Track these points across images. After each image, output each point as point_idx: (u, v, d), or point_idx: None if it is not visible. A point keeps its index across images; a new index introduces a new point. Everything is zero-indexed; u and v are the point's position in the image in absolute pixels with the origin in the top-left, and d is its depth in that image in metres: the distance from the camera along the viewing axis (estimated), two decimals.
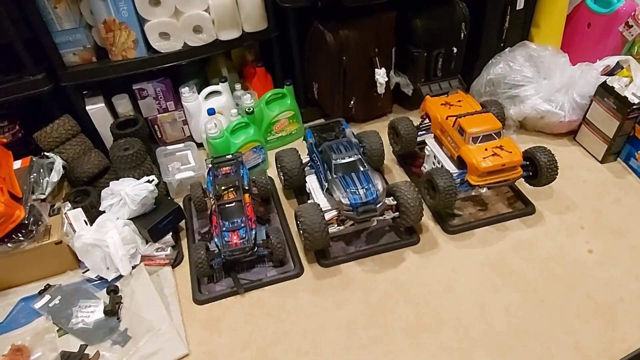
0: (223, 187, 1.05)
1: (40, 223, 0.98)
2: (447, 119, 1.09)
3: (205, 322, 0.93)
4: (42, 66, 1.10)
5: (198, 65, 1.38)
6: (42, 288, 0.99)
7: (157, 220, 1.03)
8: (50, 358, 0.85)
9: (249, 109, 1.25)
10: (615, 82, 1.15)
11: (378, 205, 0.95)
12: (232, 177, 1.07)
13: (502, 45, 1.38)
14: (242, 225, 0.97)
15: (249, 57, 1.45)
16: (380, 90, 1.32)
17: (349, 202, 0.94)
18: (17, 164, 1.05)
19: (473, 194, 1.08)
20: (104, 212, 1.03)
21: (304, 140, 1.18)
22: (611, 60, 1.26)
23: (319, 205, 0.97)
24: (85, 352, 0.87)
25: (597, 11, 1.34)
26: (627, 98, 1.11)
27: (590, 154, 1.25)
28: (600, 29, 1.35)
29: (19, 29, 1.03)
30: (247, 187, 1.06)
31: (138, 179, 1.04)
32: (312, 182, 1.10)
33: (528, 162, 1.06)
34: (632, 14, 1.28)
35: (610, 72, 1.24)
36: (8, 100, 1.10)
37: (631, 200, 1.12)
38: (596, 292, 0.92)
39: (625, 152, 1.19)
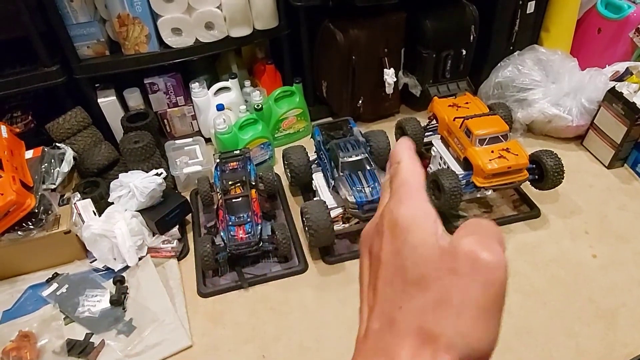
0: (230, 182, 1.06)
1: (50, 212, 0.99)
2: (454, 120, 1.09)
3: (209, 315, 0.94)
4: (56, 58, 1.12)
5: (208, 61, 1.40)
6: (50, 276, 1.00)
7: (164, 213, 1.04)
8: (57, 345, 0.87)
9: (257, 106, 1.26)
10: (624, 88, 1.15)
11: None
12: (239, 172, 1.08)
13: (511, 48, 1.38)
14: (248, 220, 0.98)
15: (259, 54, 1.46)
16: (389, 90, 1.33)
17: (354, 200, 0.95)
18: (29, 154, 1.07)
19: (478, 195, 1.09)
20: (112, 203, 1.05)
21: (311, 137, 1.19)
22: (620, 66, 1.26)
23: (325, 202, 0.98)
24: (91, 340, 0.88)
25: (607, 17, 1.34)
26: (636, 104, 1.11)
27: (597, 159, 1.25)
28: (610, 34, 1.34)
29: (35, 21, 1.05)
30: (253, 183, 1.07)
31: (147, 171, 1.05)
32: (318, 180, 1.11)
33: (534, 166, 1.07)
34: None
35: (619, 77, 1.24)
36: (22, 91, 1.12)
37: (637, 206, 1.12)
38: (599, 296, 0.92)
39: (633, 158, 1.19)
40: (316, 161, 1.15)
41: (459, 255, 0.23)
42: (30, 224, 0.96)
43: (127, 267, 1.01)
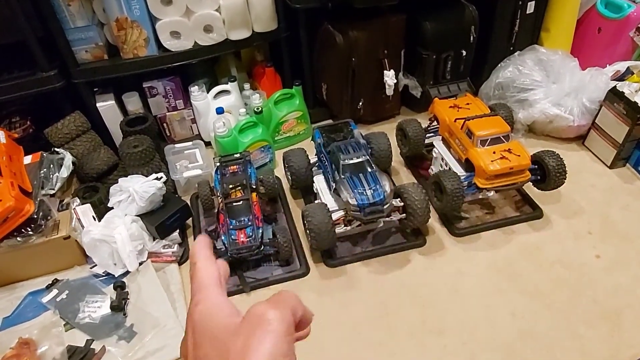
0: (230, 186, 1.05)
1: (49, 218, 0.99)
2: (455, 121, 1.09)
3: None
4: (54, 63, 1.11)
5: (207, 65, 1.39)
6: (50, 282, 1.00)
7: (164, 218, 1.03)
8: (57, 352, 0.86)
9: (257, 109, 1.26)
10: (625, 88, 1.15)
11: (385, 207, 0.95)
12: (240, 175, 1.08)
13: (511, 48, 1.37)
14: (249, 223, 0.98)
15: (258, 57, 1.45)
16: (389, 91, 1.32)
17: (356, 203, 0.94)
18: (27, 159, 1.06)
19: (480, 197, 1.08)
20: (112, 208, 1.04)
21: (312, 140, 1.18)
22: (621, 66, 1.25)
23: (326, 205, 0.97)
24: (91, 346, 0.87)
25: (607, 16, 1.34)
26: (637, 103, 1.10)
27: (599, 159, 1.24)
28: (610, 34, 1.34)
29: (33, 26, 1.04)
30: (254, 186, 1.07)
31: (146, 176, 1.05)
32: (319, 182, 1.10)
33: (536, 166, 1.06)
34: None
35: (620, 77, 1.23)
36: (21, 96, 1.11)
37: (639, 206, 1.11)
38: (603, 297, 0.91)
39: (635, 157, 1.19)
40: (317, 164, 1.14)
41: (249, 317, 0.29)
42: (29, 229, 0.96)
43: (127, 273, 1.00)
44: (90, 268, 1.02)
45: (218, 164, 1.11)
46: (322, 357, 0.86)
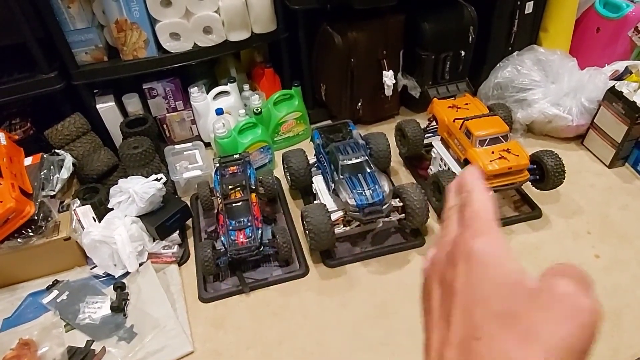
0: (230, 187, 1.05)
1: (49, 219, 0.99)
2: (454, 121, 1.09)
3: (210, 320, 0.93)
4: (54, 65, 1.11)
5: (207, 66, 1.40)
6: (50, 283, 1.00)
7: (164, 218, 1.04)
8: (57, 353, 0.86)
9: (256, 110, 1.26)
10: (624, 87, 1.15)
11: (384, 207, 0.95)
12: (239, 176, 1.08)
13: (510, 49, 1.38)
14: (249, 224, 0.98)
15: (257, 58, 1.46)
16: (388, 92, 1.32)
17: (355, 203, 0.94)
18: (28, 161, 1.07)
19: None
20: (112, 209, 1.04)
21: (311, 141, 1.19)
22: (620, 65, 1.25)
23: (325, 205, 0.98)
24: (92, 347, 0.88)
25: (606, 16, 1.34)
26: (636, 103, 1.10)
27: (597, 158, 1.25)
28: (609, 33, 1.34)
29: (33, 28, 1.05)
30: (253, 187, 1.07)
31: (146, 177, 1.05)
32: (318, 183, 1.10)
33: (535, 166, 1.06)
34: None
35: (619, 76, 1.24)
36: (21, 98, 1.11)
37: (639, 206, 1.11)
38: (602, 297, 0.90)
39: (634, 157, 1.19)
40: (316, 164, 1.14)
41: (556, 295, 0.24)
42: (29, 231, 0.96)
43: (127, 273, 1.00)
44: (91, 269, 1.02)
45: (217, 164, 1.12)
46: (322, 357, 0.86)
